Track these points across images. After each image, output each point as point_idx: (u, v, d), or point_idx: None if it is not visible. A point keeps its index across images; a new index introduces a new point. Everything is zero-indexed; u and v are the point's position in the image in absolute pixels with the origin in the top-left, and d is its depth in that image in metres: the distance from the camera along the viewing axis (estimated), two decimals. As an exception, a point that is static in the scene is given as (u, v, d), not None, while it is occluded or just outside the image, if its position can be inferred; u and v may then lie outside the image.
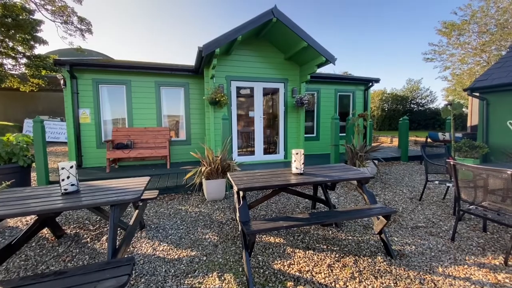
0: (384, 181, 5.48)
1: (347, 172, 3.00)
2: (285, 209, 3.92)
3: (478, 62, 17.20)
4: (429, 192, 4.66)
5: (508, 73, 5.67)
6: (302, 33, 5.69)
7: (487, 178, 2.74)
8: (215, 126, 6.24)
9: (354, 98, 9.40)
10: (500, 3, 15.34)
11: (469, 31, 17.02)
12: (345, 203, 4.20)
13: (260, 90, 6.75)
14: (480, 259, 2.50)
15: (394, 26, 48.54)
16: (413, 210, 3.82)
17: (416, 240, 2.88)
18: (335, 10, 49.80)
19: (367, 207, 2.65)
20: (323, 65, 6.26)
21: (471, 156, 5.23)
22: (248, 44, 6.53)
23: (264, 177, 2.78)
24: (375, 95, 25.85)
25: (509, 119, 5.52)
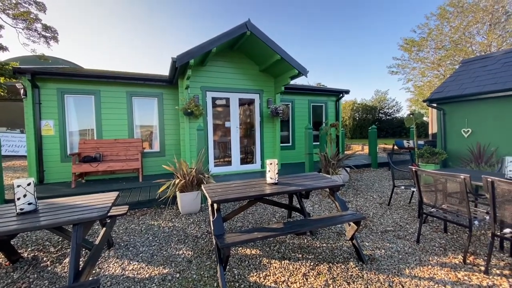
0: (356, 188, 5.70)
1: (320, 180, 3.09)
2: (262, 220, 3.92)
3: (436, 75, 18.85)
4: (396, 197, 4.93)
5: (460, 86, 6.29)
6: (275, 46, 5.88)
7: (445, 182, 2.98)
8: (190, 136, 6.14)
9: (327, 108, 9.80)
10: (453, 22, 17.11)
11: (427, 47, 18.70)
12: (319, 210, 4.30)
13: (236, 101, 6.80)
14: (442, 259, 2.67)
15: (363, 40, 51.93)
16: (383, 215, 4.01)
17: (385, 244, 3.01)
18: (307, 25, 52.30)
19: (339, 214, 2.74)
20: (296, 77, 6.49)
21: (432, 161, 5.66)
22: (224, 55, 6.60)
23: (239, 188, 2.78)
24: (347, 105, 27.15)
25: (463, 127, 6.08)
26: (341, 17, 46.29)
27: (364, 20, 44.03)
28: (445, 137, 6.47)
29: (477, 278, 2.33)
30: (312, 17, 49.11)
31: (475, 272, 2.41)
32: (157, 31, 50.05)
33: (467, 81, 6.29)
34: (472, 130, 5.90)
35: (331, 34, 53.05)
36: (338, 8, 43.63)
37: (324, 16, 48.04)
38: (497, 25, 15.61)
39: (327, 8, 44.65)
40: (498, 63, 6.18)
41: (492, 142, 5.48)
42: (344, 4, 41.68)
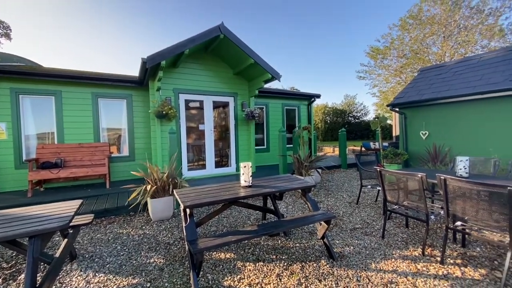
0: (327, 188, 5.93)
1: (293, 182, 3.17)
2: (237, 223, 3.91)
3: (399, 81, 20.32)
4: (364, 195, 5.21)
5: (418, 92, 6.85)
6: (249, 50, 5.94)
7: (406, 181, 3.22)
8: (162, 140, 5.95)
9: (300, 112, 10.09)
10: (412, 33, 18.61)
11: (390, 55, 20.12)
12: (293, 211, 4.40)
13: (210, 103, 6.73)
14: (404, 252, 2.87)
15: (335, 46, 54.30)
16: (352, 213, 4.21)
17: (354, 241, 3.17)
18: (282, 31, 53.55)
19: (311, 214, 2.83)
20: (270, 81, 6.61)
21: (395, 162, 6.08)
22: (197, 58, 6.52)
23: (212, 192, 2.75)
24: (319, 109, 28.19)
25: (421, 130, 6.62)
26: (315, 23, 48.07)
27: (336, 26, 46.18)
28: (406, 139, 6.99)
29: (434, 268, 2.54)
30: (287, 21, 50.39)
31: (432, 263, 2.63)
32: (125, 32, 47.90)
33: (425, 87, 6.87)
34: (429, 132, 6.45)
35: (305, 40, 54.81)
36: (313, 14, 45.29)
37: (299, 22, 49.53)
38: (450, 37, 17.28)
39: (303, 15, 46.13)
40: (450, 72, 6.85)
41: (446, 143, 6.04)
42: (317, 10, 43.36)
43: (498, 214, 2.27)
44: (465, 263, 2.61)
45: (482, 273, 2.41)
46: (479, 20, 16.19)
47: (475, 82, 5.68)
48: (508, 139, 5.10)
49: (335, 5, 38.74)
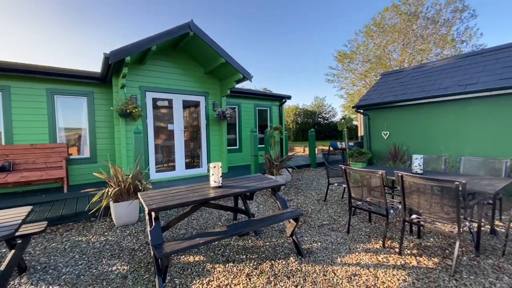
0: (297, 187, 6.08)
1: (263, 181, 3.20)
2: (207, 224, 3.84)
3: (364, 85, 21.53)
4: (331, 193, 5.43)
5: (380, 95, 7.32)
6: (220, 49, 5.88)
7: (369, 178, 3.42)
8: (127, 140, 5.64)
9: (271, 112, 10.23)
10: (376, 40, 19.85)
11: (356, 60, 21.25)
12: (264, 210, 4.44)
13: (180, 103, 6.54)
14: (367, 245, 3.04)
15: (306, 49, 55.93)
16: (320, 210, 4.36)
17: (322, 237, 3.28)
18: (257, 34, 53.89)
19: (280, 212, 2.87)
20: (241, 81, 6.61)
21: (360, 160, 6.44)
22: (166, 55, 6.29)
23: (180, 193, 2.67)
24: (290, 110, 28.84)
25: (383, 130, 7.08)
26: (287, 26, 49.09)
27: (308, 30, 47.59)
28: (370, 139, 7.43)
29: (393, 259, 2.72)
30: (257, 23, 50.81)
31: (392, 254, 2.82)
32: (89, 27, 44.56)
33: (386, 91, 7.37)
34: (390, 132, 6.93)
35: (276, 42, 55.74)
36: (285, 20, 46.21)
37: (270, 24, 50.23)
38: (408, 45, 18.74)
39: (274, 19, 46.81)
40: (408, 77, 7.42)
41: (404, 143, 6.53)
42: (290, 15, 44.32)
43: (448, 207, 2.50)
44: (420, 253, 2.83)
45: (435, 262, 2.63)
46: (433, 30, 17.78)
47: (429, 86, 6.23)
48: (456, 138, 5.66)
49: (308, 9, 39.93)
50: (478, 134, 5.35)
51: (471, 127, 5.45)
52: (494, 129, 5.14)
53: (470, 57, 6.55)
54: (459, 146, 5.53)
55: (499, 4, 26.04)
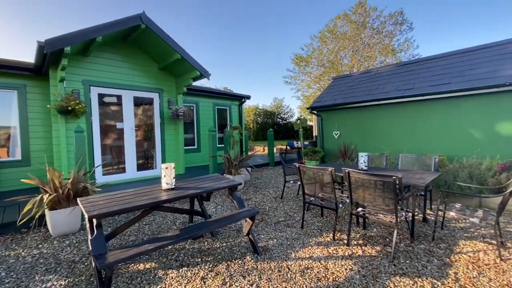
0: (256, 185, 6.15)
1: (219, 181, 3.14)
2: (160, 229, 3.64)
3: (318, 87, 22.81)
4: (288, 190, 5.61)
5: (331, 97, 7.82)
6: (175, 45, 5.62)
7: (321, 175, 3.61)
8: (67, 140, 5.04)
9: (231, 112, 10.17)
10: (329, 45, 21.17)
11: (312, 63, 22.39)
12: (222, 210, 4.38)
13: (130, 99, 6.08)
14: (318, 239, 3.21)
15: (266, 50, 56.88)
16: (277, 207, 4.47)
17: (278, 234, 3.36)
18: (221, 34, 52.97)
19: (236, 212, 2.86)
20: (199, 79, 6.42)
21: (314, 158, 6.79)
22: (115, 47, 5.79)
23: (127, 197, 2.47)
24: (250, 110, 29.14)
25: (334, 130, 7.59)
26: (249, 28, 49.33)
27: (267, 29, 48.41)
28: (322, 138, 7.89)
29: (342, 250, 2.91)
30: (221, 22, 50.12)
31: (341, 246, 3.01)
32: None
33: (337, 93, 7.90)
34: (340, 132, 7.45)
35: (238, 42, 55.73)
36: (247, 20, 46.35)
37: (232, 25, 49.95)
38: (357, 52, 20.40)
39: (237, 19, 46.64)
40: (355, 81, 8.07)
41: (352, 142, 7.09)
42: (251, 16, 44.58)
43: (388, 199, 2.76)
44: (365, 242, 3.08)
45: (377, 250, 2.89)
46: (378, 40, 19.66)
47: (373, 90, 6.86)
48: (395, 137, 6.33)
49: (269, 10, 40.63)
50: (413, 133, 6.07)
51: (407, 127, 6.16)
52: (425, 129, 5.89)
53: (407, 65, 7.41)
54: (398, 144, 6.20)
55: (431, 21, 30.05)
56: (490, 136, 5.09)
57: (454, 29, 34.23)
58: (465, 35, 34.53)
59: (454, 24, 32.82)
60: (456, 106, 5.45)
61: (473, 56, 6.01)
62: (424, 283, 2.24)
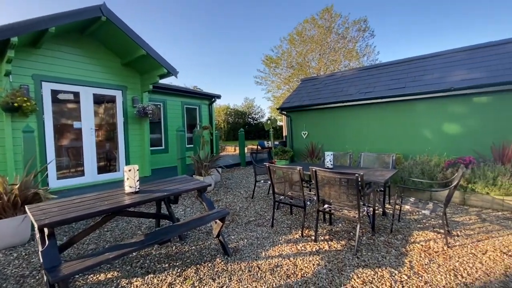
0: (227, 186, 6.10)
1: (188, 183, 3.05)
2: (124, 235, 3.43)
3: (288, 89, 23.35)
4: (258, 190, 5.65)
5: (300, 98, 8.06)
6: (139, 40, 5.34)
7: (290, 174, 3.70)
8: (14, 141, 4.51)
9: (201, 111, 9.96)
10: (298, 48, 21.78)
11: (281, 65, 22.85)
12: (191, 213, 4.27)
13: (89, 97, 5.63)
14: (288, 237, 3.28)
15: (237, 50, 56.61)
16: (247, 207, 4.48)
17: (248, 234, 3.37)
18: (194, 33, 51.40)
19: (206, 214, 2.80)
20: (166, 77, 6.19)
21: (284, 158, 6.95)
22: (71, 40, 5.33)
23: (86, 203, 2.28)
24: (221, 109, 28.85)
25: (302, 131, 7.83)
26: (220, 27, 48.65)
27: (238, 31, 48.25)
28: (292, 138, 8.10)
29: (310, 246, 3.01)
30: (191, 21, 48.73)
31: (309, 242, 3.11)
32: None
33: (305, 95, 8.17)
34: (308, 132, 7.71)
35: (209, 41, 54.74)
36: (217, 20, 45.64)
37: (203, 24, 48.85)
38: (324, 56, 21.28)
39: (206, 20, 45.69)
40: (322, 84, 8.41)
41: (319, 141, 7.38)
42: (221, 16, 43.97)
43: (351, 195, 2.91)
44: (331, 238, 3.23)
45: (342, 244, 3.03)
46: (343, 45, 20.72)
47: (338, 92, 7.21)
48: (358, 137, 6.72)
49: (240, 10, 40.48)
50: (374, 133, 6.50)
51: (369, 127, 6.58)
52: (385, 129, 6.35)
53: (369, 69, 7.91)
54: (361, 144, 6.60)
55: (391, 30, 32.49)
56: (439, 136, 5.65)
57: (412, 37, 37.42)
58: (422, 43, 37.98)
59: (411, 32, 35.90)
60: (411, 108, 5.96)
61: (425, 63, 6.62)
62: (384, 272, 2.40)
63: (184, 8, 42.42)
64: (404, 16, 31.23)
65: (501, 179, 4.14)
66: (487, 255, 2.68)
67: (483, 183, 4.25)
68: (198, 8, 41.87)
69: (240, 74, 61.53)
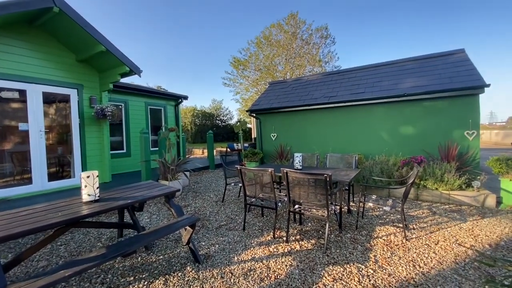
0: (195, 190, 5.91)
1: (154, 189, 2.88)
2: (81, 249, 3.11)
3: (256, 92, 23.59)
4: (229, 193, 5.58)
5: (269, 101, 8.18)
6: (98, 35, 4.94)
7: (261, 176, 3.71)
8: None
9: (166, 112, 9.54)
10: (265, 51, 22.14)
11: (249, 67, 23.01)
12: (158, 220, 4.04)
13: (38, 95, 5.04)
14: (260, 239, 3.27)
15: (205, 51, 55.43)
16: (218, 211, 4.39)
17: (219, 239, 3.29)
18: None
19: (174, 221, 2.67)
20: (128, 75, 5.81)
21: (254, 160, 6.97)
22: (17, 32, 4.73)
23: (34, 215, 2.02)
24: (188, 111, 28.04)
25: (271, 133, 7.95)
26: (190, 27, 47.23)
27: (205, 30, 47.32)
28: (261, 140, 8.17)
29: (282, 247, 3.04)
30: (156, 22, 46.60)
31: (281, 243, 3.14)
32: None
33: (273, 98, 8.31)
34: (277, 134, 7.85)
35: (175, 39, 52.80)
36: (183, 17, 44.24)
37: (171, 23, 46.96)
38: (289, 60, 21.93)
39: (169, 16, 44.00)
40: (289, 87, 8.64)
41: (288, 143, 7.56)
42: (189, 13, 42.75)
43: (320, 195, 3.02)
44: (302, 237, 3.30)
45: (312, 243, 3.11)
46: (307, 50, 21.59)
47: (304, 96, 7.47)
48: (323, 139, 7.02)
49: (207, 12, 39.81)
50: (338, 135, 6.85)
51: (333, 129, 6.92)
52: (347, 131, 6.73)
53: (332, 75, 8.34)
54: (326, 145, 6.90)
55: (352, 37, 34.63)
56: (394, 137, 6.15)
57: (371, 45, 40.33)
58: (382, 50, 41.04)
59: (371, 41, 38.69)
60: (370, 112, 6.40)
61: (382, 70, 7.19)
62: (352, 268, 2.52)
63: (149, 5, 40.44)
64: (363, 23, 33.55)
65: (447, 176, 4.64)
66: (439, 245, 2.97)
67: (433, 179, 4.72)
68: (165, 6, 40.26)
69: (207, 75, 60.51)
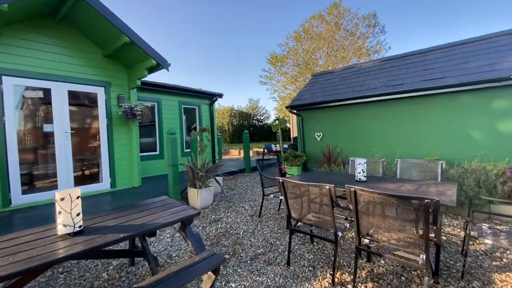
0: (228, 199, 5.10)
1: (164, 212, 2.08)
2: (82, 280, 2.46)
3: (294, 89, 22.31)
4: (267, 204, 4.64)
5: (312, 95, 7.04)
6: (120, 24, 4.42)
7: (316, 195, 2.68)
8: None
9: (200, 111, 9.02)
10: (304, 45, 20.76)
11: (287, 63, 21.83)
12: (173, 247, 3.20)
13: (64, 94, 4.73)
14: (313, 284, 2.27)
15: (241, 50, 55.59)
16: (253, 231, 3.47)
17: (255, 279, 2.36)
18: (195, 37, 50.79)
19: (191, 262, 1.81)
20: (156, 70, 5.26)
21: (295, 164, 5.92)
22: (41, 26, 4.48)
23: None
24: (225, 111, 27.98)
25: (316, 132, 6.79)
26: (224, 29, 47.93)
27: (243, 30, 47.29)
28: (303, 141, 7.07)
29: (347, 302, 2.00)
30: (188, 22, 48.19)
31: (344, 294, 2.10)
32: None
33: (318, 91, 7.14)
34: (323, 134, 6.67)
35: (211, 41, 54.04)
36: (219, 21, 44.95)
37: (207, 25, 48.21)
38: (332, 53, 20.20)
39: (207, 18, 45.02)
40: (338, 77, 7.37)
41: (337, 145, 6.33)
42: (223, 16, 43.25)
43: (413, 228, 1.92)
44: (376, 285, 2.21)
45: (393, 298, 2.02)
46: (352, 41, 19.61)
47: (358, 87, 6.16)
48: (387, 139, 5.64)
49: (243, 10, 39.54)
50: (405, 134, 5.43)
51: (398, 127, 5.51)
52: (416, 129, 5.28)
53: (392, 60, 6.82)
54: (389, 147, 5.52)
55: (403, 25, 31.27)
56: (494, 137, 4.54)
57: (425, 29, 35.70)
58: (438, 35, 35.83)
59: (426, 24, 34.22)
60: (453, 102, 4.88)
61: (462, 49, 5.55)
62: None
63: (188, 6, 41.71)
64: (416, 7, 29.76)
65: None
66: None
67: None
68: (199, 6, 41.08)
69: (244, 74, 60.52)
